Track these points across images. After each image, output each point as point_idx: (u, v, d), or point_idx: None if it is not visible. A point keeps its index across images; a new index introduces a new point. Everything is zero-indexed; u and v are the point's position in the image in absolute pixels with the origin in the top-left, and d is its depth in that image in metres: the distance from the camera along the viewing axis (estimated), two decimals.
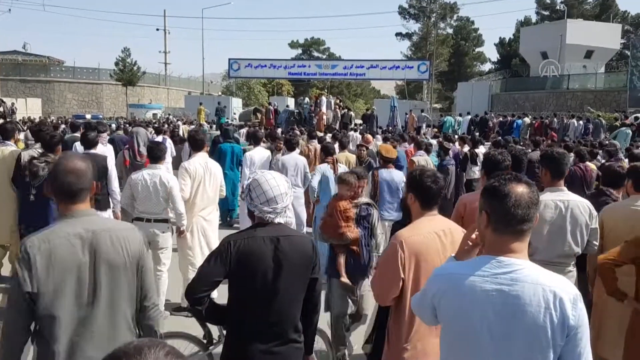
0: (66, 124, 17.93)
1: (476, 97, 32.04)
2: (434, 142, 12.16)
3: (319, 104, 23.22)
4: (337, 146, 8.22)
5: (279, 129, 16.16)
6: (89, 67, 45.16)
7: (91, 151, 5.85)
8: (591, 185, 6.89)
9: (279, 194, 2.38)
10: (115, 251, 2.14)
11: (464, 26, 54.24)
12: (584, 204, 3.58)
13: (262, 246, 2.33)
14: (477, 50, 55.88)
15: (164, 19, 49.94)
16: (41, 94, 40.91)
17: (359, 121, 25.13)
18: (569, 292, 1.69)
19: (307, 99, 25.96)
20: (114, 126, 14.64)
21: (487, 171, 3.69)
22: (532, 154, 8.37)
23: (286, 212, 2.45)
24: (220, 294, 2.62)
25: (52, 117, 29.56)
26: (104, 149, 6.61)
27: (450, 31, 52.79)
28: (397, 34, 53.27)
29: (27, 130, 13.49)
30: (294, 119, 23.35)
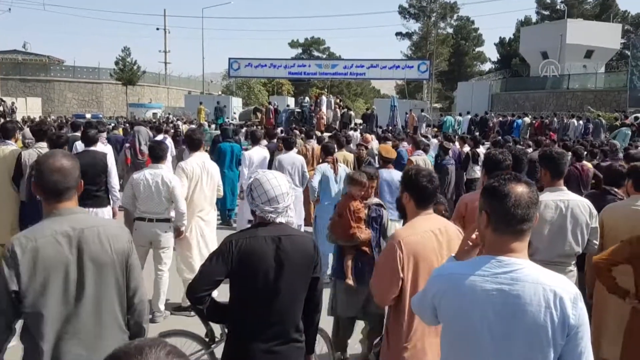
0: (66, 122, 17.88)
1: (476, 96, 32.00)
2: (435, 141, 12.17)
3: (319, 103, 23.25)
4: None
5: (279, 129, 16.14)
6: (89, 67, 45.07)
7: (91, 148, 5.89)
8: (587, 184, 6.89)
9: (280, 193, 2.39)
10: (102, 249, 2.14)
11: (464, 26, 54.18)
12: (584, 203, 3.59)
13: (263, 246, 2.34)
14: (477, 50, 55.84)
15: (164, 19, 49.91)
16: (41, 93, 40.82)
17: (359, 121, 25.12)
18: (569, 292, 1.69)
19: (307, 99, 25.96)
20: (110, 126, 14.58)
21: (488, 170, 3.70)
22: (532, 153, 8.37)
23: (288, 212, 2.46)
24: (220, 293, 2.62)
25: (52, 117, 29.52)
26: (104, 148, 6.62)
27: (450, 31, 52.69)
28: (397, 34, 53.24)
29: (24, 129, 13.40)
30: (294, 119, 23.36)
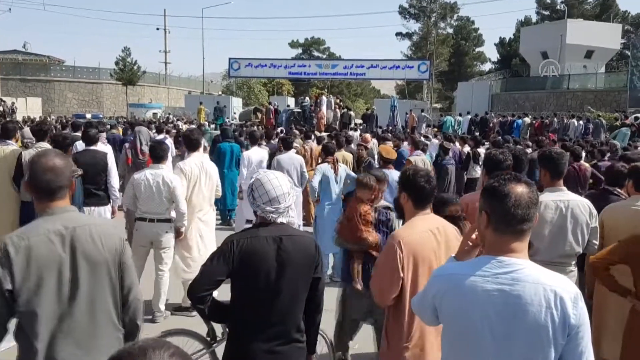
0: (66, 122, 17.87)
1: (476, 97, 32.00)
2: (435, 141, 12.17)
3: (319, 103, 23.23)
4: None
5: (279, 129, 16.14)
6: (89, 67, 45.08)
7: (92, 148, 5.92)
8: (585, 184, 6.90)
9: (282, 193, 2.39)
10: (94, 247, 2.14)
11: (464, 26, 54.20)
12: (584, 203, 3.59)
13: (264, 246, 2.34)
14: (477, 50, 55.86)
15: (164, 19, 49.92)
16: (41, 93, 40.82)
17: (359, 121, 25.12)
18: (569, 291, 1.70)
19: (307, 99, 25.96)
20: (108, 126, 14.54)
21: (488, 171, 3.70)
22: (533, 153, 8.38)
23: (289, 212, 2.46)
24: (220, 293, 2.63)
25: (52, 117, 29.52)
26: (104, 148, 6.65)
27: (450, 31, 52.72)
28: (397, 34, 53.32)
29: (24, 128, 13.36)
30: (295, 119, 23.37)
